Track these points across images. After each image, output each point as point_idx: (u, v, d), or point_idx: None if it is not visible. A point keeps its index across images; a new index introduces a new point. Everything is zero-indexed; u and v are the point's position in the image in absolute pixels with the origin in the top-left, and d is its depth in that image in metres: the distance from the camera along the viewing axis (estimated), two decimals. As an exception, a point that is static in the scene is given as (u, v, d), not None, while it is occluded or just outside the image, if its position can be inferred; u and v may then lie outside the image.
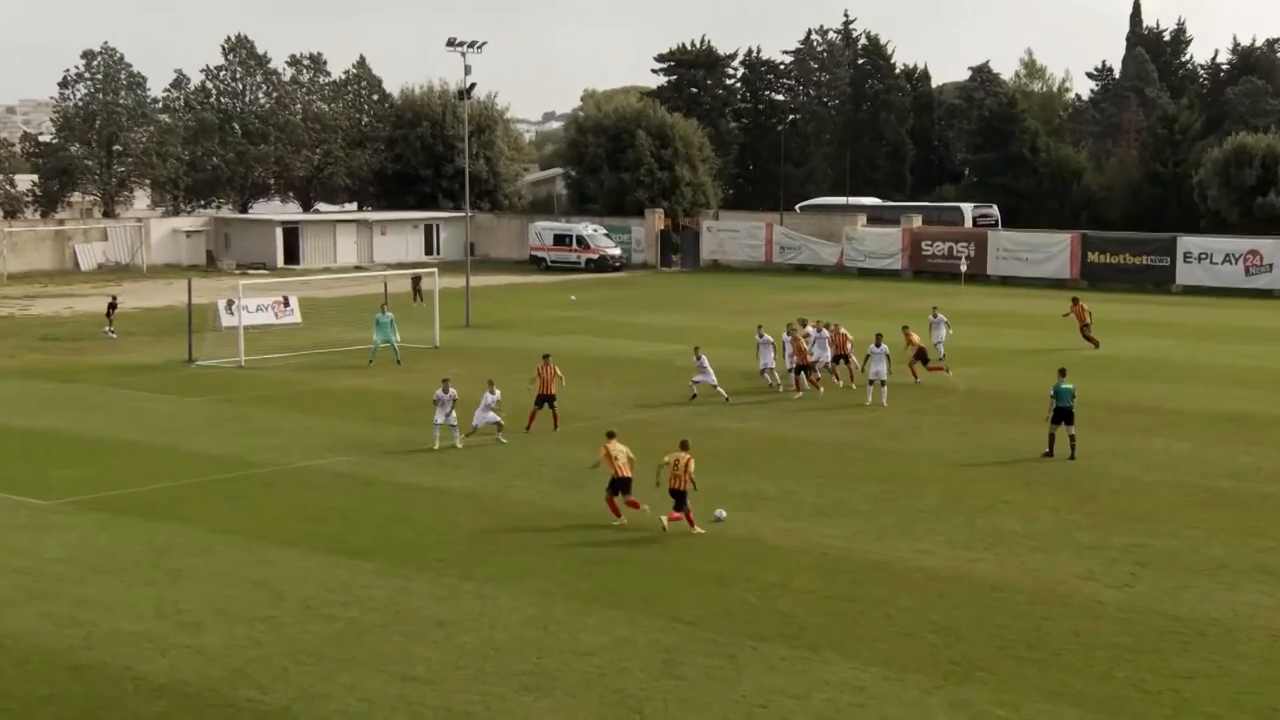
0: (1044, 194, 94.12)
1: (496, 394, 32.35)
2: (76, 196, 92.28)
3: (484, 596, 21.32)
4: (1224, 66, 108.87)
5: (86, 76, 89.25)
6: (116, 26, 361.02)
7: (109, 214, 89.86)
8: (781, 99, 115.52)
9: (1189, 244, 72.77)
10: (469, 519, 26.01)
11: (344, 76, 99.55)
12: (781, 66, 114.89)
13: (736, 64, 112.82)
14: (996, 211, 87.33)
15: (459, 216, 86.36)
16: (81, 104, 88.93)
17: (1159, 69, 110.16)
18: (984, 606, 20.93)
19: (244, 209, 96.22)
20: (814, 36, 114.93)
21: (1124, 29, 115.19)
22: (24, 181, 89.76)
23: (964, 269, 73.89)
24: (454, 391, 32.29)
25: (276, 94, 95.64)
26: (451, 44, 58.29)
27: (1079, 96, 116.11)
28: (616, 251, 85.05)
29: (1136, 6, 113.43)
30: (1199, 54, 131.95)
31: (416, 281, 64.15)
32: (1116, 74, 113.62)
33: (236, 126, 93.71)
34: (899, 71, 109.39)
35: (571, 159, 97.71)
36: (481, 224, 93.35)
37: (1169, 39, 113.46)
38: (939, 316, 47.00)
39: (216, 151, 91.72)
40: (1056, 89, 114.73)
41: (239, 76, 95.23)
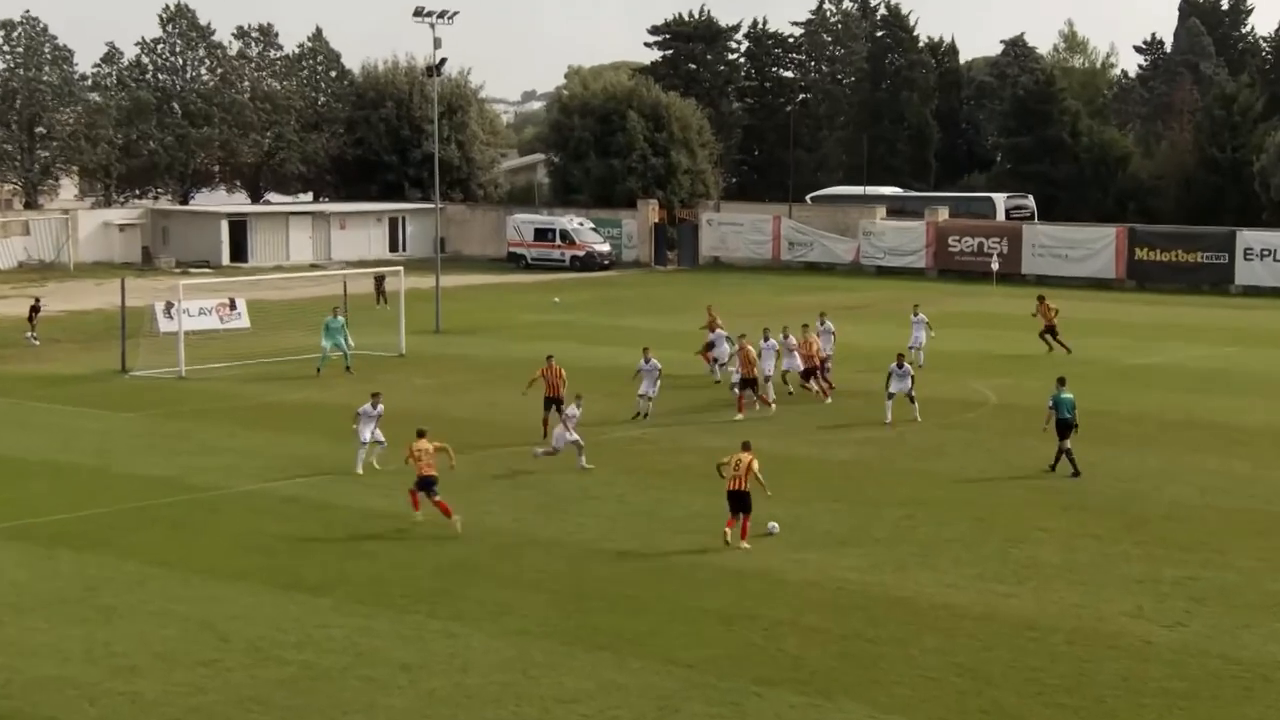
0: (1086, 183, 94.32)
1: (578, 410, 32.36)
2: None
3: (454, 636, 21.26)
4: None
5: (5, 50, 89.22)
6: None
7: (31, 205, 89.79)
8: (790, 76, 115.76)
9: (1249, 239, 72.92)
10: (438, 549, 25.97)
11: (298, 50, 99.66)
12: (790, 39, 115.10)
13: (740, 37, 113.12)
14: (1032, 203, 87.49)
15: (428, 208, 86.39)
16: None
17: (1215, 42, 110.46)
18: (1018, 648, 20.90)
19: (184, 200, 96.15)
20: (827, 6, 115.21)
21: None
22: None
23: (996, 267, 74.01)
24: (382, 407, 32.24)
25: (221, 70, 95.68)
26: (419, 14, 58.33)
27: (1125, 73, 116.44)
28: (605, 248, 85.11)
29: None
30: (1261, 25, 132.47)
31: (380, 281, 64.14)
32: (1168, 48, 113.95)
33: (176, 107, 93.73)
34: (923, 45, 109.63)
35: (554, 143, 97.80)
36: (453, 217, 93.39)
37: (1227, 8, 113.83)
38: (920, 316, 47.21)
39: (153, 135, 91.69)
40: (1100, 65, 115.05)
41: (179, 50, 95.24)
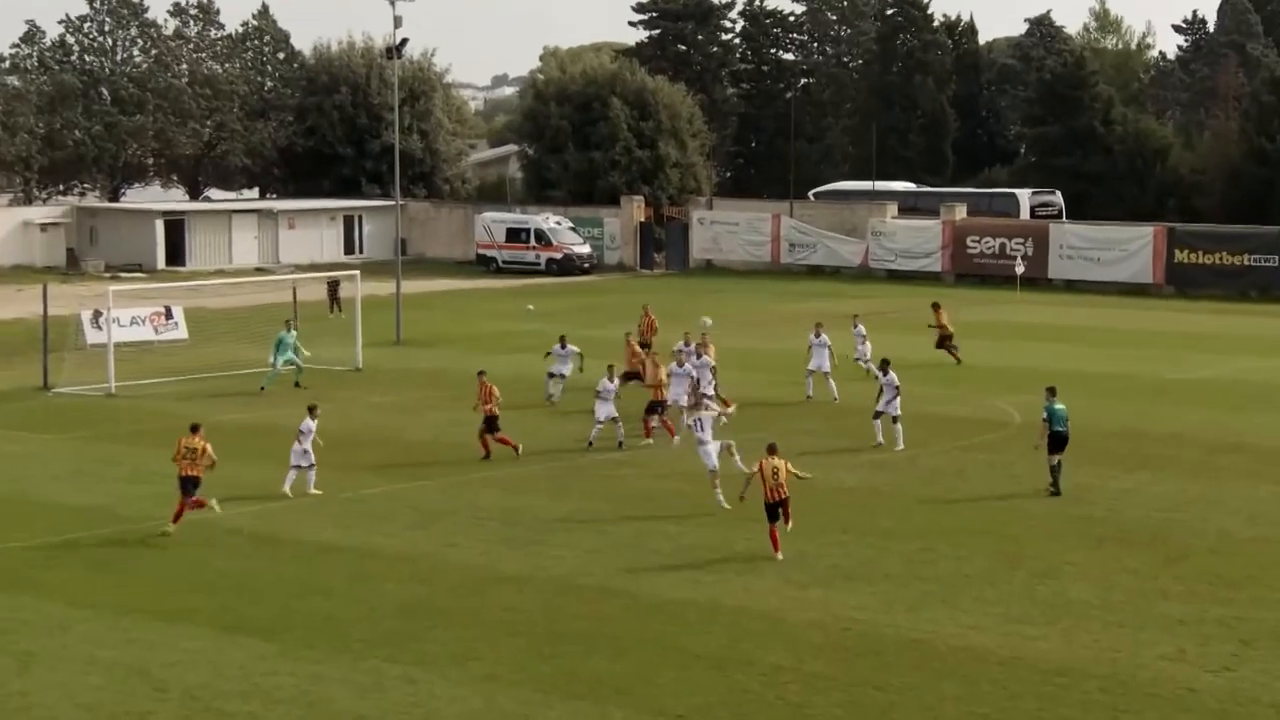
0: (1120, 177, 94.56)
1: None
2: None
3: (416, 683, 21.22)
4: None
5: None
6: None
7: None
8: (791, 59, 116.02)
9: (1302, 239, 73.19)
10: (398, 587, 25.92)
11: (241, 30, 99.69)
12: (791, 18, 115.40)
13: (735, 14, 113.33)
14: (1060, 199, 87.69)
15: (388, 206, 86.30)
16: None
17: (1263, 20, 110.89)
18: (1047, 696, 20.88)
19: (114, 196, 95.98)
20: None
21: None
22: None
23: (1020, 271, 74.12)
24: (314, 423, 32.45)
25: (156, 51, 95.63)
26: (377, -11, 58.34)
27: (1163, 55, 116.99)
28: (585, 249, 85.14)
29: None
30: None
31: (334, 287, 64.05)
32: (1210, 27, 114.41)
33: (105, 92, 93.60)
34: (938, 24, 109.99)
35: (528, 134, 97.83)
36: (416, 215, 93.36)
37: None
38: (860, 329, 47.39)
39: (79, 123, 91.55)
40: (1135, 46, 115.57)
41: (108, 29, 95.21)
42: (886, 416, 36.91)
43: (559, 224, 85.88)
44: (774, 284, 77.11)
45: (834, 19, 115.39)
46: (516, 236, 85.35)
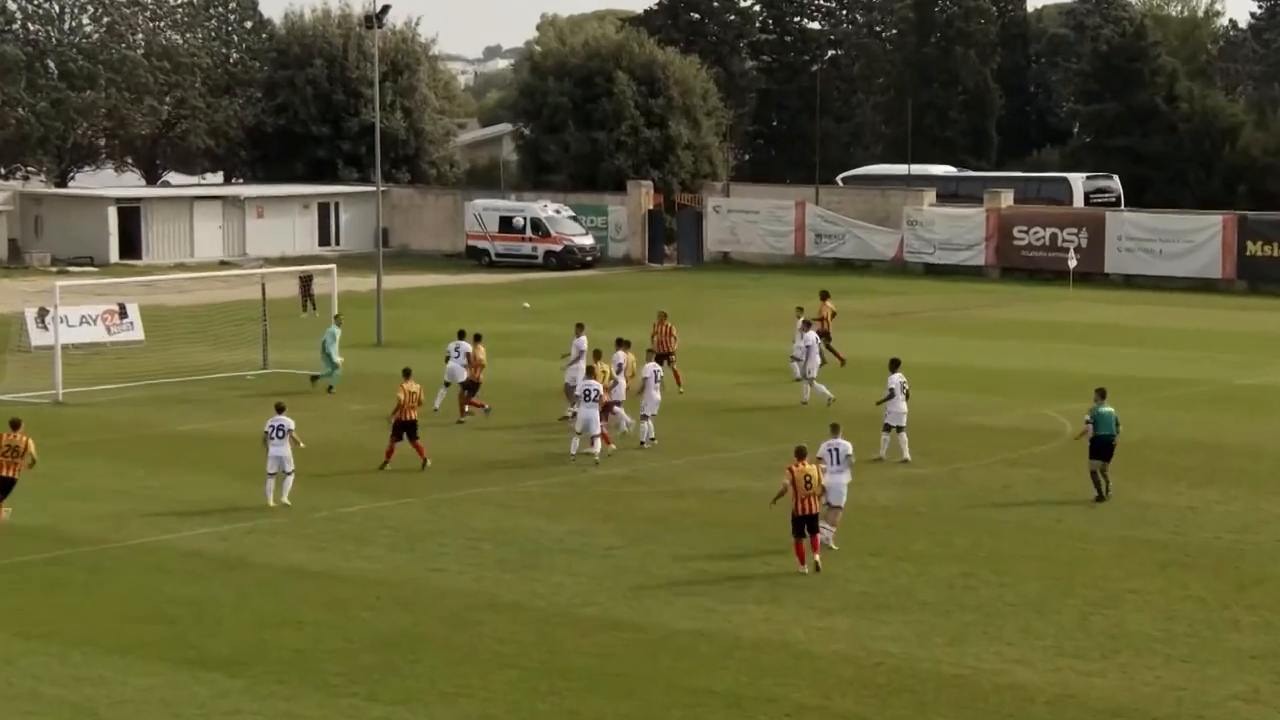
0: (1185, 160, 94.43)
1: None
2: None
3: (399, 725, 21.22)
4: None
5: None
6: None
7: None
8: (817, 28, 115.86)
9: (1388, 229, 73.10)
10: (378, 616, 25.91)
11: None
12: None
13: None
14: (1118, 184, 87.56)
15: (367, 192, 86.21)
16: None
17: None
18: (1103, 738, 20.88)
19: (63, 181, 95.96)
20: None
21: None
22: None
23: (1073, 264, 74.05)
24: (289, 421, 32.87)
25: (108, 20, 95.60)
26: (355, -50, 58.35)
27: (1233, 24, 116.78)
28: (587, 241, 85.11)
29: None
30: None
31: (307, 283, 63.99)
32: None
33: (51, 65, 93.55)
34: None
35: (524, 112, 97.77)
36: (399, 203, 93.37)
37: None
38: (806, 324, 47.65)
39: (23, 100, 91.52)
40: (1202, 13, 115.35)
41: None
42: (894, 427, 37.05)
43: (558, 213, 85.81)
44: (797, 279, 76.93)
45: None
46: (511, 226, 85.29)
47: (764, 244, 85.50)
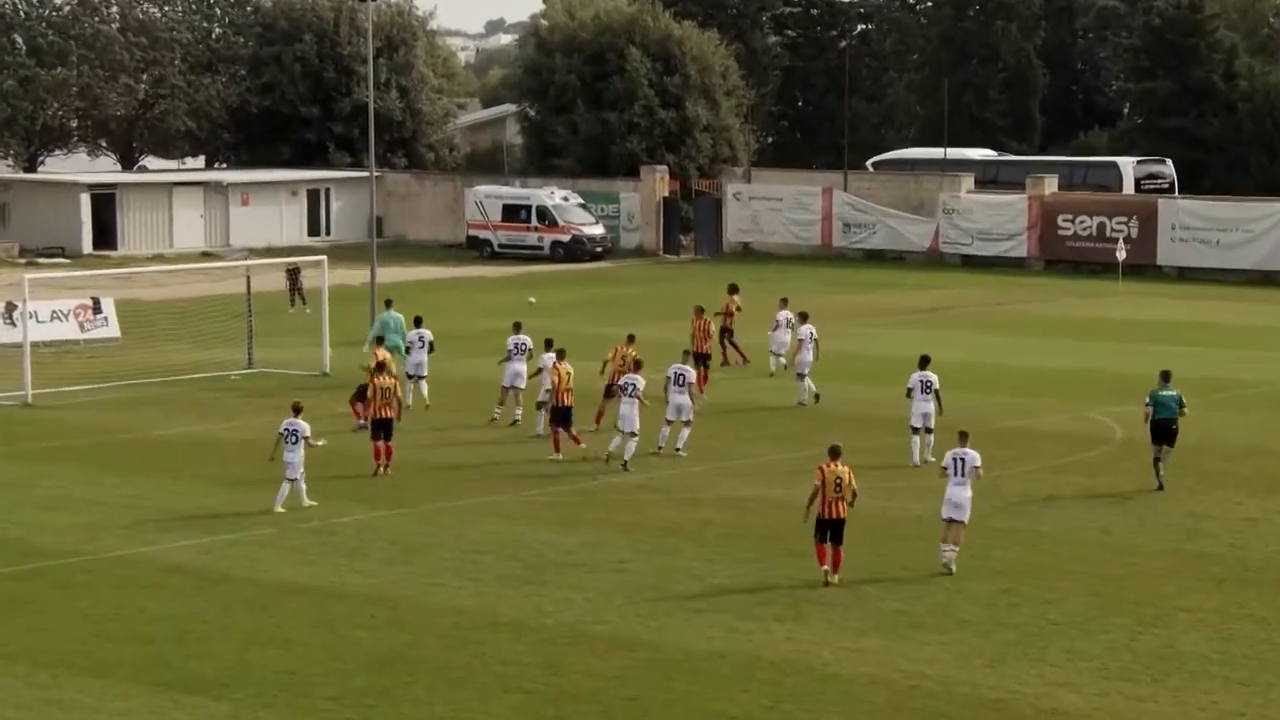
0: (1244, 143, 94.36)
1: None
2: None
3: (395, 753, 21.30)
4: None
5: None
6: None
7: None
8: (847, 1, 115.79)
9: None
10: (373, 635, 25.94)
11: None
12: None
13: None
14: (1171, 169, 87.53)
15: (360, 177, 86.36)
16: None
17: None
18: (1154, 767, 20.91)
19: (32, 165, 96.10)
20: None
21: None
22: None
23: (1122, 256, 73.97)
24: (302, 425, 33.18)
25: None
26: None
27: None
28: (597, 230, 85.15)
29: None
30: None
31: (294, 276, 64.08)
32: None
33: (19, 40, 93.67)
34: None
35: (530, 91, 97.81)
36: (394, 189, 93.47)
37: None
38: (785, 315, 48.18)
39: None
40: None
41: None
42: (922, 429, 37.22)
43: (566, 200, 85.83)
44: (824, 272, 77.05)
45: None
46: (515, 215, 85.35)
47: (788, 234, 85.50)
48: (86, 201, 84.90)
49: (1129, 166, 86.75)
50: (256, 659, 24.82)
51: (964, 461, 29.62)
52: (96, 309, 57.11)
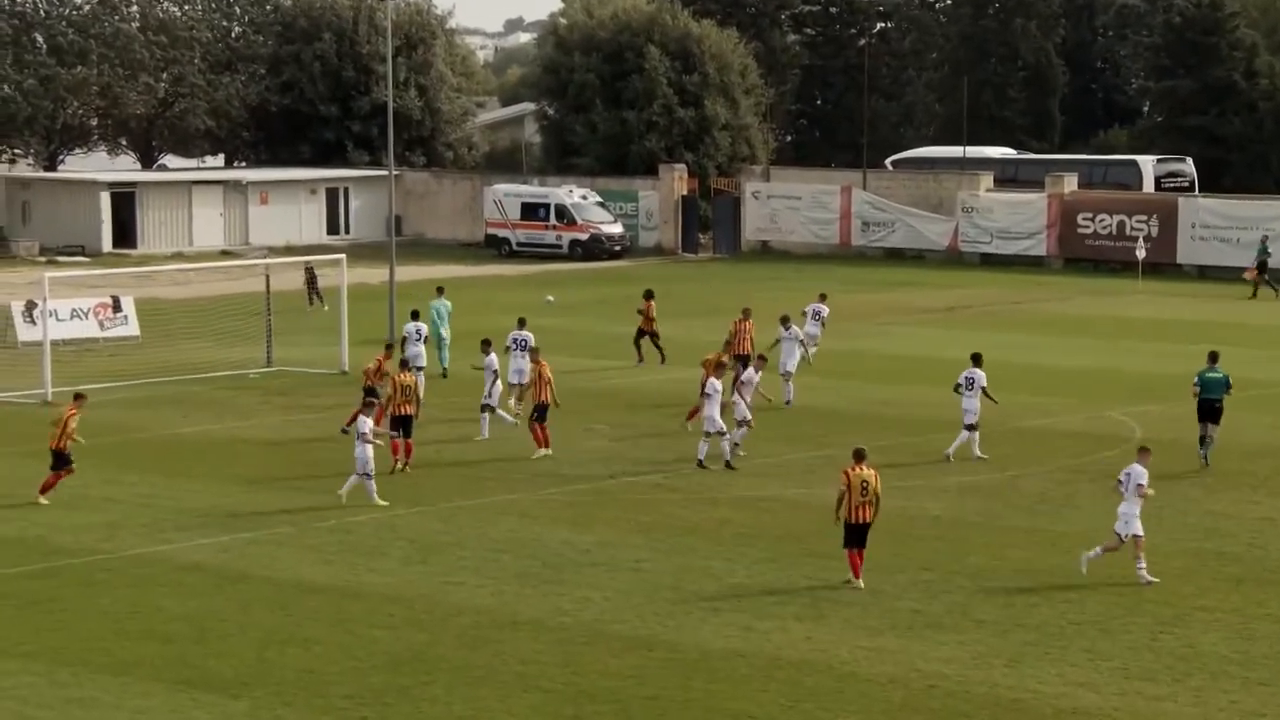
0: (1265, 141, 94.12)
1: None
2: None
3: (412, 752, 21.31)
4: None
5: None
6: None
7: None
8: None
9: None
10: (391, 635, 25.97)
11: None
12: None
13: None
14: (1192, 168, 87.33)
15: (379, 176, 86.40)
16: None
17: None
18: (1173, 768, 20.88)
19: (52, 164, 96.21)
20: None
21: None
22: None
23: (1142, 255, 73.84)
24: (365, 422, 33.66)
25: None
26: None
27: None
28: (616, 229, 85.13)
29: None
30: None
31: (312, 275, 64.14)
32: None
33: (40, 39, 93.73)
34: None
35: (548, 90, 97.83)
36: (413, 187, 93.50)
37: None
38: (820, 309, 48.67)
39: (10, 77, 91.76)
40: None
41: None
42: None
43: (584, 199, 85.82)
44: (843, 271, 76.93)
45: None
46: (533, 213, 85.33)
47: (807, 233, 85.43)
48: (106, 200, 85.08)
49: (1149, 165, 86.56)
50: (275, 657, 24.86)
51: (1130, 477, 29.17)
52: (116, 307, 57.20)
